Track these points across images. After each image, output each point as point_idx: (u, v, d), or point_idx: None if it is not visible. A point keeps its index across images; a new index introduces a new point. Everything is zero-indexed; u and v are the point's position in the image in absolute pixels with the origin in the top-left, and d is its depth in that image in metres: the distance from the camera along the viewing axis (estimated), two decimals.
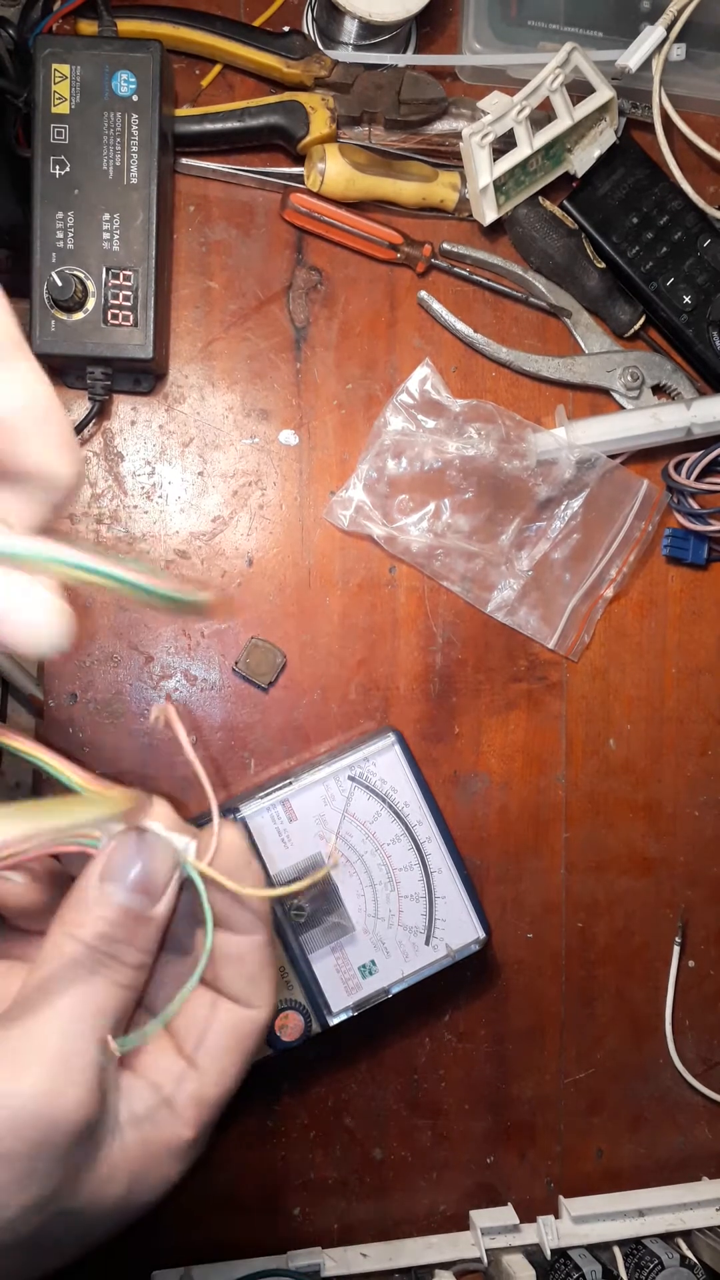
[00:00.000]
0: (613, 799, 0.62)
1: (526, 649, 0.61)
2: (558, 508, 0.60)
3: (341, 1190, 0.59)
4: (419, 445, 0.58)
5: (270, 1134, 0.58)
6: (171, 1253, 0.55)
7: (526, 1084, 0.61)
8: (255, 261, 0.59)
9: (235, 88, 0.58)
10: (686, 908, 0.63)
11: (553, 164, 0.59)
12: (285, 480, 0.59)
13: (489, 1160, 0.61)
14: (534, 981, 0.61)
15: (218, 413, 0.58)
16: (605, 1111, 0.62)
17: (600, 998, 0.62)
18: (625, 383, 0.61)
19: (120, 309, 0.52)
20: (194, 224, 0.58)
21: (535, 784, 0.61)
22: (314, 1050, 0.53)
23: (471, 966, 0.56)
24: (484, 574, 0.60)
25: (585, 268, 0.60)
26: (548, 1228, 0.58)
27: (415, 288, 0.60)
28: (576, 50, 0.55)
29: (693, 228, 0.60)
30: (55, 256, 0.52)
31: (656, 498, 0.61)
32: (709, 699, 0.63)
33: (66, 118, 0.51)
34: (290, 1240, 0.58)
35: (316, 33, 0.59)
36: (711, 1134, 0.63)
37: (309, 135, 0.56)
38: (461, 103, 0.59)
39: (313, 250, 0.59)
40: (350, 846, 0.53)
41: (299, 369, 0.59)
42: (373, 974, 0.53)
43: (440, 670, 0.60)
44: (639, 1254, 0.57)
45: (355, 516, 0.58)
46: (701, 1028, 0.63)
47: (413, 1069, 0.60)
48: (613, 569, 0.61)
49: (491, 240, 0.61)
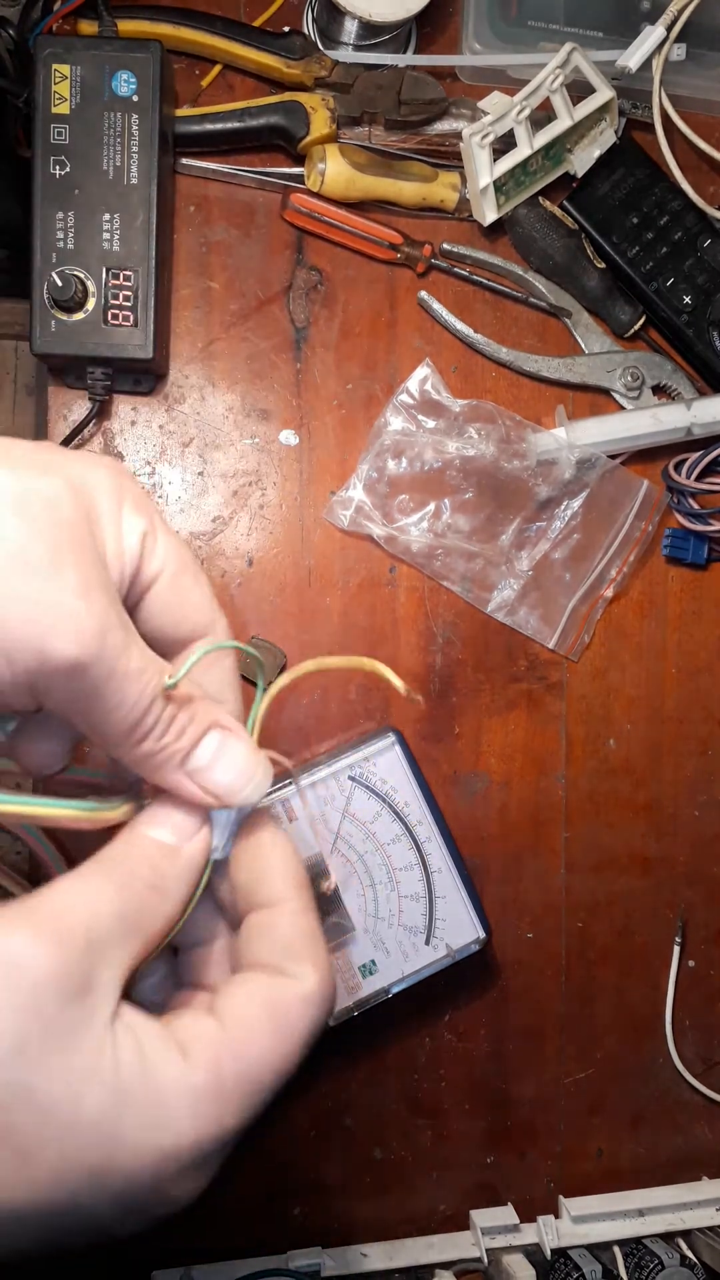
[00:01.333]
0: (613, 799, 0.62)
1: (526, 649, 0.61)
2: (558, 508, 0.60)
3: (341, 1190, 0.59)
4: (419, 445, 0.58)
5: (270, 1134, 0.58)
6: (171, 1253, 0.55)
7: (526, 1084, 0.61)
8: (255, 261, 0.59)
9: (235, 88, 0.58)
10: (686, 908, 0.63)
11: (553, 164, 0.59)
12: (285, 480, 0.59)
13: (489, 1160, 0.61)
14: (534, 981, 0.61)
15: (218, 413, 0.58)
16: (605, 1111, 0.62)
17: (600, 998, 0.62)
18: (625, 383, 0.61)
19: (120, 309, 0.52)
20: (194, 224, 0.58)
21: (535, 784, 0.61)
22: (314, 1050, 0.53)
23: (471, 966, 0.56)
24: (484, 574, 0.60)
25: (585, 268, 0.60)
26: (548, 1228, 0.58)
27: (415, 288, 0.60)
28: (576, 50, 0.55)
29: (693, 228, 0.60)
30: (55, 256, 0.52)
31: (656, 498, 0.61)
32: (709, 699, 0.63)
33: (67, 118, 0.51)
34: (290, 1240, 0.58)
35: (316, 33, 0.59)
36: (711, 1134, 0.63)
37: (309, 135, 0.56)
38: (461, 103, 0.59)
39: (313, 250, 0.59)
40: (350, 846, 0.53)
41: (299, 369, 0.59)
42: (373, 974, 0.53)
43: (440, 670, 0.60)
44: (639, 1254, 0.57)
45: (355, 516, 0.58)
46: (701, 1028, 0.63)
47: (413, 1069, 0.60)
48: (613, 569, 0.61)
49: (491, 240, 0.61)
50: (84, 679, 0.26)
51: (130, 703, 0.28)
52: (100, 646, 0.26)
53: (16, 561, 0.26)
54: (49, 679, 0.26)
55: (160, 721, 0.29)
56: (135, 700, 0.28)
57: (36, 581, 0.26)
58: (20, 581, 0.25)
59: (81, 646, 0.26)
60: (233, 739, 0.30)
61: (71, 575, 0.26)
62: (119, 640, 0.27)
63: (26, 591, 0.25)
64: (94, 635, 0.26)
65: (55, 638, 0.26)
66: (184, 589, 0.31)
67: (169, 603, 0.31)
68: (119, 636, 0.27)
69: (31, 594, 0.25)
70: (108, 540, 0.29)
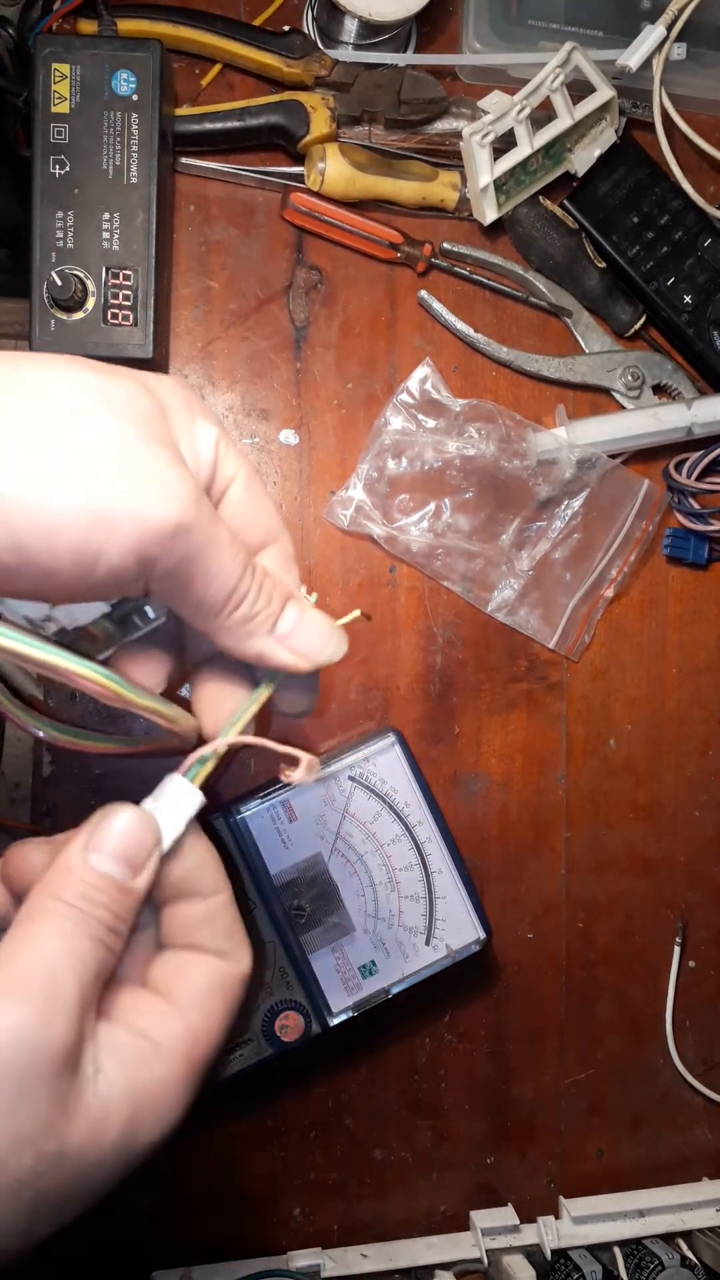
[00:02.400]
0: (613, 799, 0.62)
1: (527, 649, 0.61)
2: (558, 507, 0.60)
3: (341, 1190, 0.59)
4: (419, 445, 0.58)
5: (270, 1134, 0.58)
6: (171, 1253, 0.55)
7: (527, 1084, 0.61)
8: (255, 261, 0.58)
9: (235, 87, 0.58)
10: (687, 908, 0.63)
11: (553, 163, 0.59)
12: (285, 480, 0.59)
13: (489, 1161, 0.61)
14: (534, 982, 0.61)
15: (218, 412, 0.58)
16: (605, 1112, 0.62)
17: (600, 998, 0.62)
18: (626, 382, 0.61)
19: (120, 308, 0.52)
20: (194, 223, 0.58)
21: (535, 784, 0.61)
22: (314, 1050, 0.53)
23: (472, 967, 0.56)
24: (484, 574, 0.60)
25: (586, 267, 0.60)
26: (548, 1228, 0.58)
27: (415, 287, 0.60)
28: (577, 50, 0.55)
29: (693, 227, 0.60)
30: (55, 256, 0.52)
31: (657, 497, 0.61)
32: (709, 699, 0.63)
33: (66, 117, 0.51)
34: (290, 1240, 0.58)
35: (316, 32, 0.59)
36: (712, 1134, 0.63)
37: (309, 135, 0.56)
38: (462, 102, 0.59)
39: (313, 250, 0.59)
40: (350, 846, 0.53)
41: (299, 369, 0.59)
42: (373, 974, 0.53)
43: (440, 670, 0.60)
44: (639, 1254, 0.57)
45: (355, 516, 0.58)
46: (702, 1028, 0.63)
47: (413, 1069, 0.60)
48: (613, 569, 0.61)
49: (492, 240, 0.61)
50: (187, 542, 0.28)
51: (227, 569, 0.30)
52: (197, 512, 0.28)
53: (111, 443, 0.27)
54: (155, 548, 0.28)
55: (252, 588, 0.31)
56: (230, 567, 0.30)
57: (132, 456, 0.28)
58: (118, 460, 0.27)
59: (181, 511, 0.28)
60: (308, 607, 0.34)
61: (161, 451, 0.28)
62: (209, 511, 0.29)
63: (125, 468, 0.27)
64: (191, 501, 0.28)
65: (157, 505, 0.27)
66: (256, 495, 0.34)
67: (245, 507, 0.34)
68: (208, 508, 0.29)
69: (130, 469, 0.27)
70: (181, 440, 0.31)
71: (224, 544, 0.30)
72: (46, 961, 0.28)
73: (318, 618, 0.33)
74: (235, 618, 0.31)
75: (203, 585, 0.30)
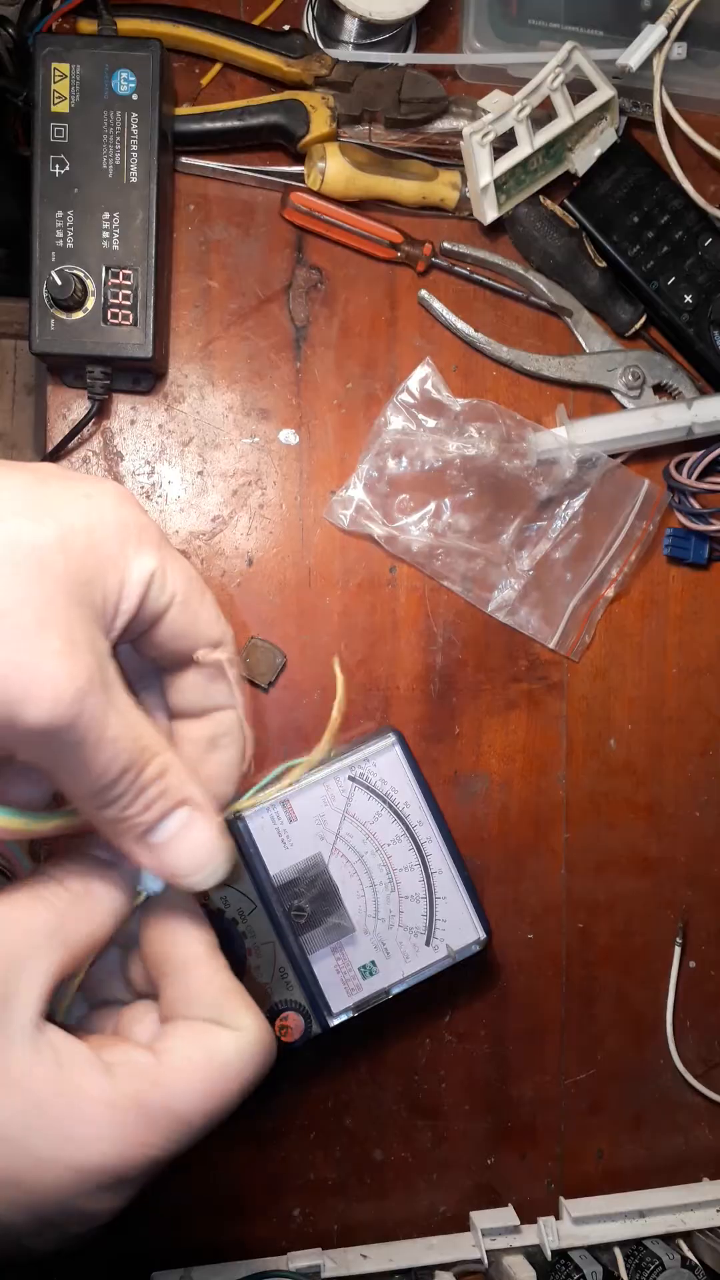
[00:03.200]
0: (613, 799, 0.62)
1: (527, 649, 0.61)
2: (558, 507, 0.60)
3: (341, 1191, 0.59)
4: (419, 444, 0.58)
5: (270, 1134, 0.58)
6: (171, 1253, 0.55)
7: (527, 1085, 0.61)
8: (255, 260, 0.58)
9: (235, 87, 0.58)
10: (687, 908, 0.63)
11: (553, 163, 0.59)
12: (285, 480, 0.59)
13: (489, 1161, 0.61)
14: (534, 982, 0.61)
15: (217, 412, 0.58)
16: (606, 1112, 0.62)
17: (601, 998, 0.62)
18: (626, 382, 0.61)
19: (120, 308, 0.52)
20: (194, 223, 0.58)
21: (536, 784, 0.61)
22: (314, 1051, 0.53)
23: (472, 967, 0.56)
24: (484, 574, 0.60)
25: (586, 267, 0.60)
26: (548, 1229, 0.58)
27: (416, 287, 0.60)
28: (577, 49, 0.55)
29: (693, 227, 0.60)
30: (55, 255, 0.52)
31: (657, 497, 0.61)
32: (710, 699, 0.63)
33: (66, 116, 0.51)
34: (290, 1241, 0.58)
35: (317, 31, 0.58)
36: (712, 1134, 0.63)
37: (309, 134, 0.56)
38: (462, 101, 0.59)
39: (313, 249, 0.59)
40: (350, 847, 0.53)
41: (299, 368, 0.59)
42: (373, 975, 0.53)
43: (440, 670, 0.60)
44: (640, 1255, 0.57)
45: (355, 516, 0.58)
46: (702, 1028, 0.63)
47: (413, 1069, 0.60)
48: (614, 569, 0.61)
49: (492, 239, 0.61)
50: (53, 744, 0.26)
51: (99, 770, 0.27)
52: (75, 714, 0.26)
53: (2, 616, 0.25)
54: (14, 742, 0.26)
55: (128, 792, 0.28)
56: (104, 768, 0.27)
57: (17, 643, 0.25)
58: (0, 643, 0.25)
59: (54, 714, 0.25)
60: (199, 821, 0.30)
61: (54, 638, 0.26)
62: (97, 706, 0.26)
63: (5, 654, 0.25)
64: (70, 702, 0.26)
65: (28, 703, 0.25)
66: (193, 611, 0.31)
67: (181, 627, 0.31)
68: (97, 702, 0.26)
69: (10, 656, 0.25)
70: (109, 589, 0.28)
71: (102, 744, 0.27)
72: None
73: (203, 836, 0.30)
74: (100, 816, 0.29)
75: (69, 777, 0.28)
